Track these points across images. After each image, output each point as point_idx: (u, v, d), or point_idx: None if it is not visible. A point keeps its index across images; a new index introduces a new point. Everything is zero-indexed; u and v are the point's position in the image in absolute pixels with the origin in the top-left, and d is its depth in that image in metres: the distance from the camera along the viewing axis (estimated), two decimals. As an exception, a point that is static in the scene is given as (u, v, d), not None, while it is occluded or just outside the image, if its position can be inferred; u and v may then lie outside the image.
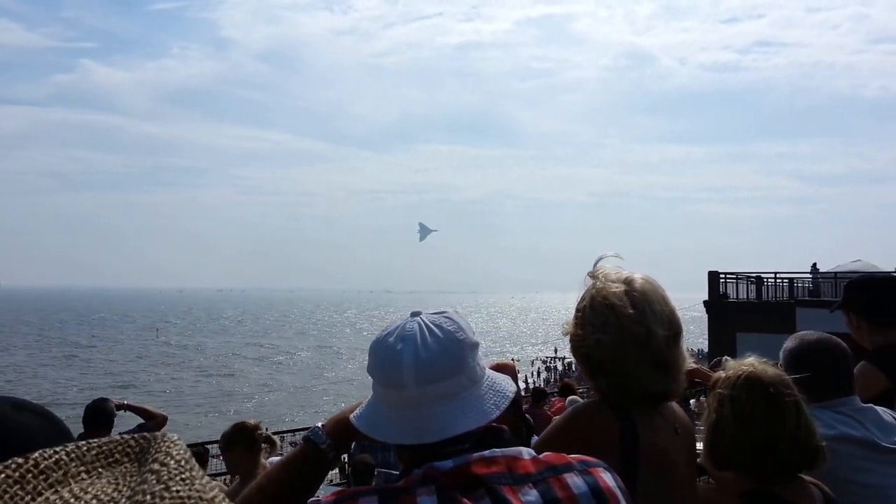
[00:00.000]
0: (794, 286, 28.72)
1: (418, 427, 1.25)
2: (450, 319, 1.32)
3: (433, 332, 1.28)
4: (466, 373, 1.28)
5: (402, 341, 1.28)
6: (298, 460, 1.56)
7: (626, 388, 1.79)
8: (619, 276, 1.84)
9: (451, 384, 1.26)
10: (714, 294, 26.80)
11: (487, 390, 1.30)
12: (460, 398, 1.26)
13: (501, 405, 1.29)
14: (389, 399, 1.29)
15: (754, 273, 28.84)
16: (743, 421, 1.93)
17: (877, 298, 3.16)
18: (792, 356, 2.48)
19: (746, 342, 18.10)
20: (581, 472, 1.23)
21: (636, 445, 1.75)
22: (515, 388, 1.38)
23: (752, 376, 1.97)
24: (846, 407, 2.37)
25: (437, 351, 1.26)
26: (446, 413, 1.25)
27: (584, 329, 1.82)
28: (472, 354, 1.31)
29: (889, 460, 2.30)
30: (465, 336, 1.30)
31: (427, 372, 1.25)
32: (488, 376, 1.34)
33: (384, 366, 1.29)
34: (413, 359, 1.25)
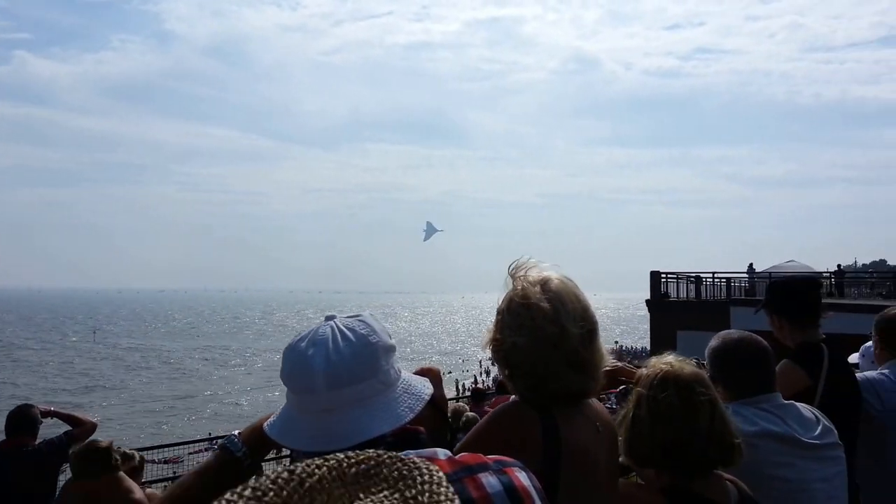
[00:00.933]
0: (731, 286, 29.52)
1: (329, 433, 1.24)
2: (364, 323, 1.31)
3: (346, 337, 1.27)
4: (379, 377, 1.27)
5: (314, 346, 1.27)
6: (213, 468, 1.53)
7: (545, 388, 1.79)
8: (535, 277, 1.85)
9: (363, 388, 1.25)
10: (656, 293, 27.37)
11: (402, 394, 1.30)
12: (373, 402, 1.26)
13: (416, 408, 1.29)
14: (301, 405, 1.28)
15: (694, 273, 29.57)
16: (658, 419, 1.97)
17: (797, 299, 3.26)
18: (715, 355, 2.55)
19: (686, 340, 18.57)
20: (496, 471, 1.22)
21: (558, 444, 1.76)
22: (432, 391, 1.38)
23: (668, 375, 2.01)
24: (768, 404, 2.44)
25: (348, 355, 1.25)
26: (357, 418, 1.24)
27: (503, 333, 1.83)
28: (387, 358, 1.30)
29: (809, 455, 2.37)
30: (378, 339, 1.30)
31: (338, 376, 1.24)
32: (404, 379, 1.33)
33: (295, 371, 1.27)
34: (324, 363, 1.24)
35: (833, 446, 2.45)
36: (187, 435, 26.43)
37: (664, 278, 27.97)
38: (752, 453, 2.23)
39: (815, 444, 2.39)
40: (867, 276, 42.60)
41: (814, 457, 2.38)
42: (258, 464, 1.59)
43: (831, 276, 32.53)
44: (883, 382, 3.30)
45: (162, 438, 22.07)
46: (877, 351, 3.56)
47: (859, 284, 34.57)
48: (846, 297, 29.37)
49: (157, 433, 32.29)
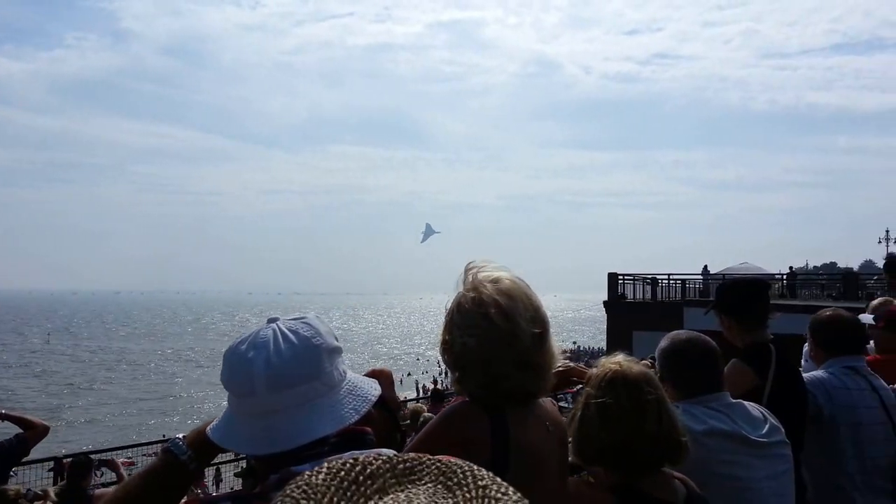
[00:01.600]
0: (686, 287, 30.07)
1: (270, 436, 1.22)
2: (307, 325, 1.30)
3: (287, 338, 1.26)
4: (322, 378, 1.26)
5: (255, 348, 1.25)
6: (157, 472, 1.50)
7: (495, 388, 1.79)
8: (486, 277, 1.85)
9: (305, 390, 1.24)
10: (613, 294, 27.75)
11: (347, 395, 1.29)
12: (315, 404, 1.24)
13: (361, 409, 1.28)
14: (242, 408, 1.26)
15: (650, 275, 30.06)
16: (606, 418, 1.98)
17: (745, 300, 3.32)
18: (664, 355, 2.58)
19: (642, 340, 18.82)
20: None
21: (507, 444, 1.77)
22: (379, 393, 1.36)
23: (616, 375, 2.03)
24: (716, 402, 2.47)
25: (290, 357, 1.23)
26: (299, 420, 1.22)
27: (452, 333, 1.83)
28: (331, 360, 1.29)
29: (757, 453, 2.41)
30: (321, 341, 1.28)
31: (279, 379, 1.22)
32: (349, 381, 1.32)
33: (235, 374, 1.26)
34: (264, 366, 1.22)
35: (780, 444, 2.49)
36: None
37: (621, 280, 28.40)
38: (700, 451, 2.27)
39: (762, 443, 2.43)
40: (818, 278, 43.73)
41: (761, 455, 2.42)
42: (203, 467, 1.57)
43: (783, 277, 33.37)
44: (830, 381, 3.37)
45: (128, 440, 21.66)
46: (811, 353, 3.65)
47: (810, 286, 35.50)
48: (798, 298, 30.12)
49: (124, 434, 31.72)
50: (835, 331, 3.54)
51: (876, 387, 3.42)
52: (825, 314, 3.63)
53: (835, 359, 3.48)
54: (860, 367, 3.48)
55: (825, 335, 3.58)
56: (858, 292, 27.30)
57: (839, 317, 3.58)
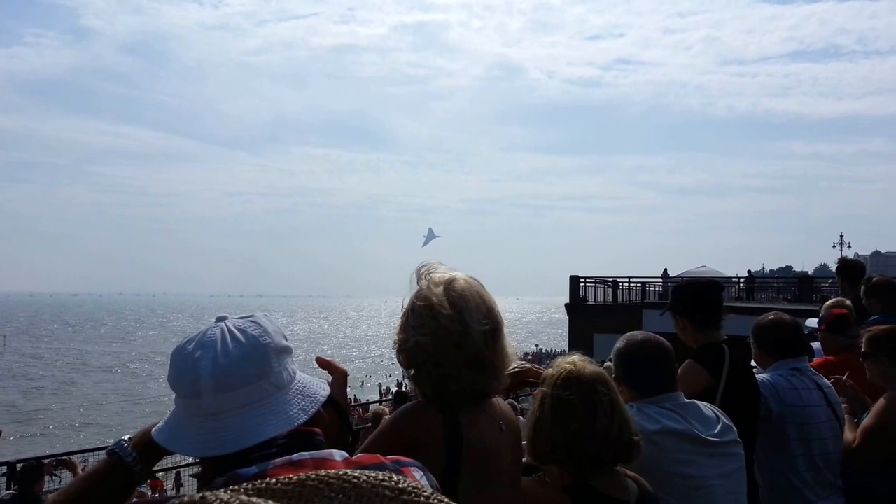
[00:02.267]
0: (646, 290, 30.46)
1: (216, 437, 1.19)
2: (255, 324, 1.27)
3: (235, 338, 1.23)
4: (270, 378, 1.23)
5: (202, 348, 1.22)
6: (101, 474, 1.47)
7: (447, 387, 1.80)
8: (440, 277, 1.86)
9: (252, 391, 1.21)
10: (574, 297, 28.00)
11: (295, 395, 1.26)
12: (262, 405, 1.22)
13: (310, 410, 1.26)
14: (188, 409, 1.23)
15: (611, 278, 30.40)
16: (560, 418, 2.01)
17: (698, 301, 3.38)
18: (619, 356, 2.63)
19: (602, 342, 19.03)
20: (393, 471, 1.21)
21: (459, 443, 1.78)
22: (328, 393, 1.34)
23: (571, 375, 2.06)
24: (670, 402, 2.51)
25: (237, 357, 1.21)
26: (246, 421, 1.20)
27: (406, 332, 1.83)
28: (279, 359, 1.26)
29: (709, 452, 2.45)
30: (269, 340, 1.25)
31: (225, 380, 1.19)
32: (299, 381, 1.30)
33: (181, 375, 1.22)
34: (211, 366, 1.19)
35: (732, 444, 2.53)
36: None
37: (582, 283, 28.68)
38: (654, 450, 2.30)
39: (714, 442, 2.47)
40: (774, 282, 44.64)
41: (713, 453, 2.46)
42: (149, 469, 1.54)
43: (739, 281, 34.02)
44: (780, 382, 3.45)
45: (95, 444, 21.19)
46: (756, 357, 3.73)
47: (767, 289, 36.22)
48: (755, 300, 30.73)
49: (99, 436, 31.04)
50: (777, 335, 3.63)
51: (821, 385, 3.52)
52: (767, 319, 3.71)
53: (780, 361, 3.56)
54: (804, 368, 3.57)
55: (768, 339, 3.66)
56: (813, 295, 27.95)
57: (780, 321, 3.66)
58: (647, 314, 22.94)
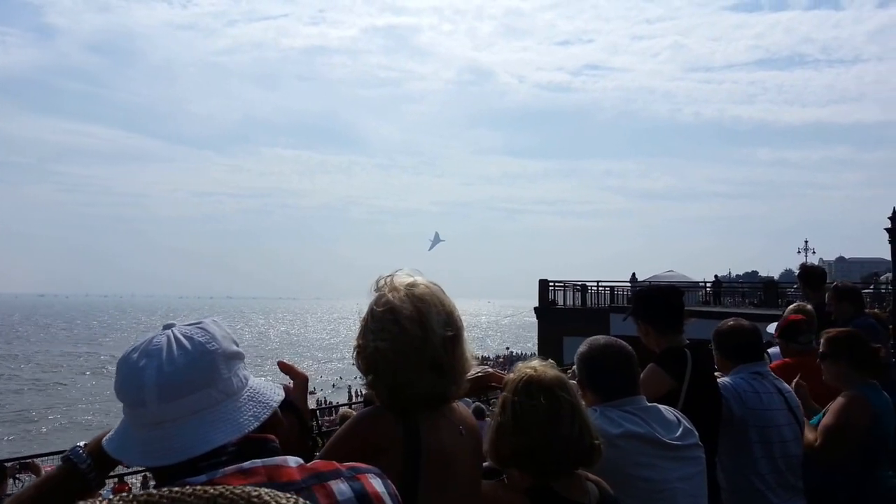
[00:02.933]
0: (614, 293, 30.70)
1: (163, 447, 1.17)
2: (203, 330, 1.24)
3: (181, 345, 1.20)
4: (218, 386, 1.21)
5: (147, 356, 1.19)
6: (55, 481, 1.45)
7: (406, 392, 1.81)
8: (400, 282, 1.86)
9: (199, 399, 1.19)
10: (544, 301, 28.13)
11: (247, 402, 1.24)
12: (210, 413, 1.19)
13: (262, 416, 1.24)
14: (135, 419, 1.20)
15: (580, 282, 30.60)
16: (521, 422, 2.02)
17: (660, 306, 3.42)
18: (582, 360, 2.64)
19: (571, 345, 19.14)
20: (349, 478, 1.20)
21: (419, 448, 1.78)
22: (282, 398, 1.32)
23: (532, 379, 2.08)
24: (632, 406, 2.53)
25: (182, 365, 1.18)
26: (193, 430, 1.17)
27: (366, 337, 1.83)
28: (228, 366, 1.24)
29: (670, 455, 2.47)
30: (217, 347, 1.23)
31: (170, 388, 1.17)
32: (251, 387, 1.27)
33: (125, 384, 1.20)
34: (155, 375, 1.17)
35: (693, 447, 2.56)
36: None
37: (552, 286, 28.83)
38: (616, 454, 2.32)
39: (676, 445, 2.49)
40: (740, 287, 45.26)
41: (675, 457, 2.48)
42: (104, 477, 1.51)
43: (706, 285, 34.46)
44: (741, 385, 3.50)
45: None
46: (717, 363, 3.78)
47: (733, 294, 36.71)
48: (722, 305, 31.13)
49: (69, 440, 30.53)
50: (736, 340, 3.69)
51: (781, 389, 3.58)
52: (726, 325, 3.77)
53: (741, 366, 3.62)
54: (765, 372, 3.63)
55: (727, 345, 3.72)
56: (778, 300, 28.42)
57: (739, 327, 3.73)
58: (614, 318, 23.10)
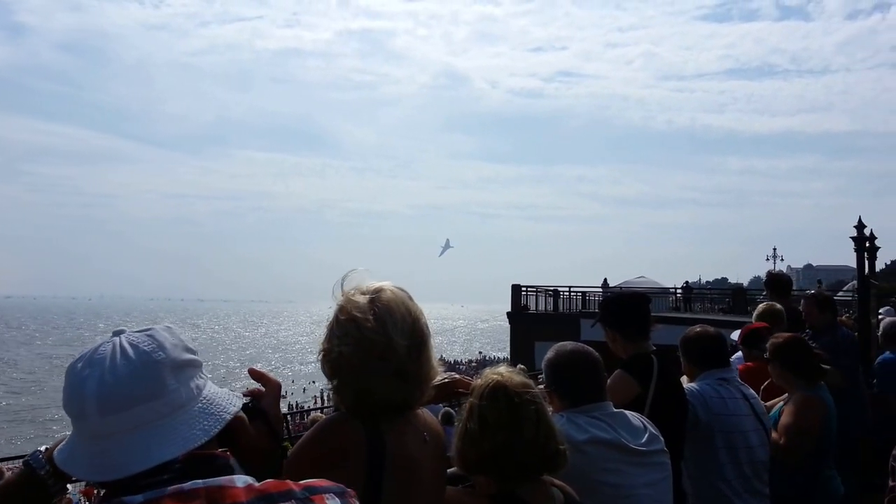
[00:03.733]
0: (586, 299, 30.86)
1: (105, 462, 1.11)
2: (151, 338, 1.18)
3: (126, 355, 1.15)
4: (164, 398, 1.15)
5: (90, 366, 1.14)
6: (13, 487, 1.40)
7: (370, 398, 1.79)
8: (367, 287, 1.85)
9: (142, 412, 1.13)
10: (516, 306, 28.20)
11: (198, 414, 1.18)
12: (156, 426, 1.13)
13: (212, 430, 1.18)
14: (79, 431, 1.15)
15: (552, 287, 30.72)
16: (487, 427, 2.02)
17: (626, 312, 3.44)
18: (549, 366, 2.65)
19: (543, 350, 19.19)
20: (302, 499, 1.13)
21: (382, 454, 1.77)
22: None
23: (498, 385, 2.07)
24: (599, 412, 2.54)
25: (125, 376, 1.13)
26: (135, 445, 1.11)
27: (330, 342, 1.82)
28: (177, 376, 1.18)
29: (636, 461, 2.48)
30: (164, 356, 1.17)
31: (111, 400, 1.11)
32: (205, 398, 1.21)
33: (68, 395, 1.15)
34: (96, 386, 1.11)
35: (659, 453, 2.57)
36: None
37: (524, 291, 28.91)
38: (582, 459, 2.33)
39: (641, 451, 2.50)
40: (710, 293, 45.78)
41: (640, 462, 2.49)
42: (64, 485, 1.45)
43: (676, 291, 34.79)
44: (707, 391, 3.53)
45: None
46: (684, 369, 3.83)
47: (703, 300, 37.12)
48: (693, 311, 31.46)
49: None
50: (702, 346, 3.73)
51: (747, 395, 3.63)
52: (693, 332, 3.81)
53: (707, 372, 3.65)
54: (731, 378, 3.67)
55: (693, 351, 3.76)
56: (747, 307, 28.82)
57: (705, 333, 3.77)
58: (584, 323, 23.25)
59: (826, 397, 3.93)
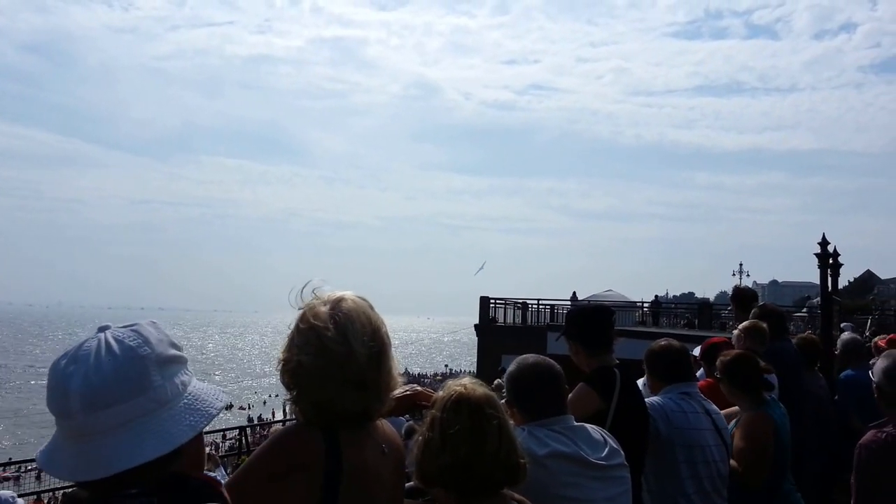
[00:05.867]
0: (555, 312, 31.01)
1: (89, 460, 1.10)
2: (137, 333, 1.18)
3: (111, 350, 1.14)
4: (150, 394, 1.14)
5: (75, 363, 1.13)
6: None
7: (329, 408, 1.77)
8: (328, 296, 1.84)
9: (127, 409, 1.12)
10: (484, 318, 28.24)
11: (183, 410, 1.17)
12: (140, 423, 1.13)
13: (199, 425, 1.17)
14: (62, 430, 1.14)
15: (521, 299, 30.82)
16: (447, 439, 1.99)
17: (590, 326, 3.44)
18: (511, 379, 2.65)
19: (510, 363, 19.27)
20: None
21: (340, 466, 1.74)
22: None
23: (460, 397, 2.05)
24: (559, 425, 2.53)
25: (110, 372, 1.12)
26: (120, 443, 1.10)
27: (290, 352, 1.80)
28: (162, 371, 1.17)
29: (596, 475, 2.48)
30: (149, 351, 1.16)
31: (95, 397, 1.10)
32: (190, 393, 1.21)
33: (51, 393, 1.14)
34: (81, 383, 1.11)
35: (619, 467, 2.57)
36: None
37: (493, 304, 28.96)
38: (542, 473, 2.32)
39: (601, 465, 2.49)
40: (674, 307, 46.30)
41: (600, 476, 2.49)
42: None
43: (643, 305, 35.14)
44: (668, 405, 3.56)
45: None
46: (648, 382, 3.87)
47: (669, 315, 37.50)
48: (660, 325, 31.76)
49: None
50: (666, 360, 3.76)
51: (709, 410, 3.66)
52: (658, 345, 3.84)
53: (670, 385, 3.68)
54: (693, 393, 3.70)
55: (658, 365, 3.79)
56: (712, 321, 29.21)
57: (670, 347, 3.81)
58: (551, 336, 23.38)
59: (774, 412, 3.97)
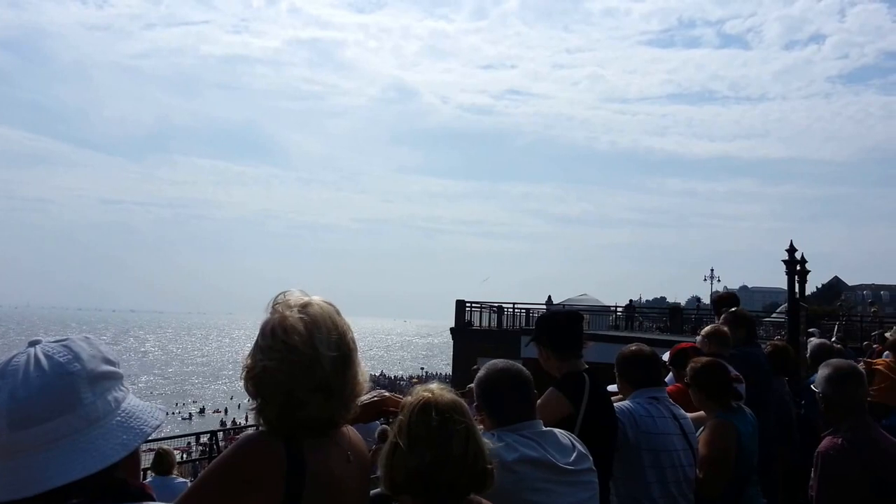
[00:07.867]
0: (530, 315, 31.12)
1: (15, 480, 1.07)
2: (67, 349, 1.15)
3: (39, 366, 1.11)
4: (79, 411, 1.11)
5: (2, 378, 1.10)
6: None
7: (293, 415, 1.75)
8: (295, 301, 1.81)
9: (55, 427, 1.09)
10: (460, 322, 28.26)
11: (115, 428, 1.14)
12: (68, 442, 1.09)
13: (131, 444, 1.15)
14: None
15: (496, 303, 30.90)
16: (415, 446, 1.97)
17: (559, 331, 3.45)
18: (480, 383, 2.63)
19: (484, 368, 19.29)
20: None
21: (303, 473, 1.72)
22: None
23: (428, 403, 2.03)
24: (528, 430, 2.53)
25: (37, 388, 1.09)
26: (50, 461, 1.07)
27: (254, 358, 1.77)
28: (94, 388, 1.14)
29: (564, 480, 2.48)
30: (79, 368, 1.13)
31: (22, 414, 1.07)
32: (123, 411, 1.18)
33: None
34: (7, 400, 1.08)
35: (587, 472, 2.58)
36: None
37: (469, 307, 29.00)
38: (511, 478, 2.32)
39: (569, 470, 2.50)
40: (648, 312, 46.72)
41: (568, 481, 2.49)
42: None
43: (617, 309, 35.37)
44: (637, 409, 3.58)
45: None
46: (619, 386, 3.88)
47: (642, 318, 37.81)
48: (633, 329, 32.00)
49: None
50: (636, 365, 3.79)
51: (677, 415, 3.69)
52: (629, 350, 3.87)
53: (639, 390, 3.70)
54: (662, 398, 3.73)
55: (628, 369, 3.81)
56: (684, 326, 29.52)
57: (640, 352, 3.84)
58: (524, 340, 23.49)
59: (739, 421, 3.99)
